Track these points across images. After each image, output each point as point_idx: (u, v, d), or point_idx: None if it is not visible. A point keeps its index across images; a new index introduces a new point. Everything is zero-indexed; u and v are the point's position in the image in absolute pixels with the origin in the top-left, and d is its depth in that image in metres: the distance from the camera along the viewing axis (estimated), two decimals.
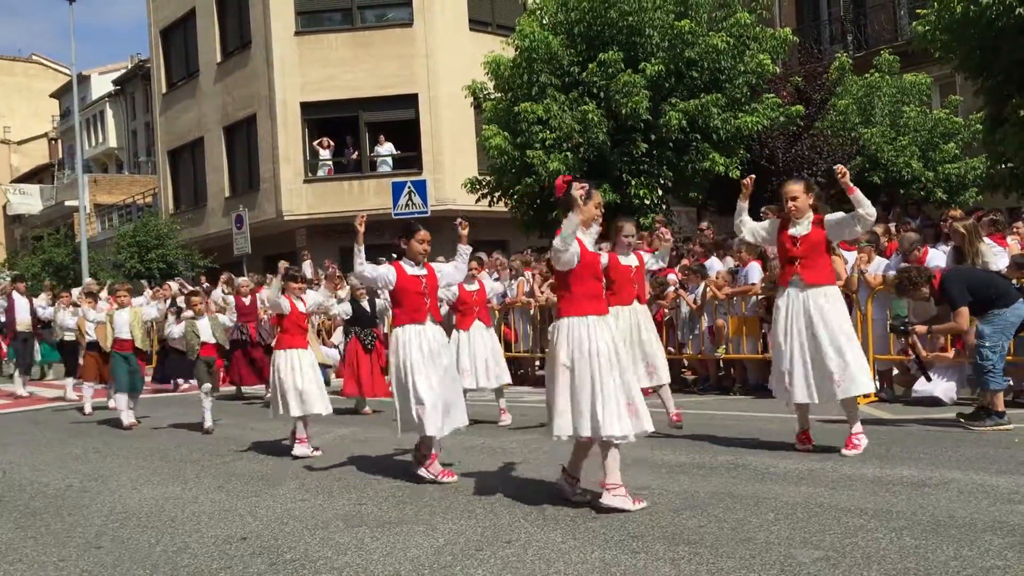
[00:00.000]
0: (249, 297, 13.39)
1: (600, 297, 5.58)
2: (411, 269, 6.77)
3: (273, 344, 8.83)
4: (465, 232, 7.06)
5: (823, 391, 6.77)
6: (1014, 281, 8.38)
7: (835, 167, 6.89)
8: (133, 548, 5.13)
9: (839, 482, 5.85)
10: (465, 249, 7.16)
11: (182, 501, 6.32)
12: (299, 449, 8.02)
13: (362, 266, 6.74)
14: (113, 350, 11.13)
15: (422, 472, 6.55)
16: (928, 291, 7.87)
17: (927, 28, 14.52)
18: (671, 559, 4.37)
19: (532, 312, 13.86)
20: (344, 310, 11.24)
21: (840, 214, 6.96)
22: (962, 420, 7.80)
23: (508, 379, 9.78)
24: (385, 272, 6.76)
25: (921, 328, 8.13)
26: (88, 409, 12.30)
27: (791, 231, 6.95)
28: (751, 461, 6.68)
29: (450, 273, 7.24)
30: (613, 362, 5.37)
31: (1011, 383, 8.43)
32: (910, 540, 4.48)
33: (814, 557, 4.28)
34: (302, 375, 8.19)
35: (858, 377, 6.70)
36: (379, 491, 6.31)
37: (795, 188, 6.93)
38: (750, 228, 7.30)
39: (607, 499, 5.29)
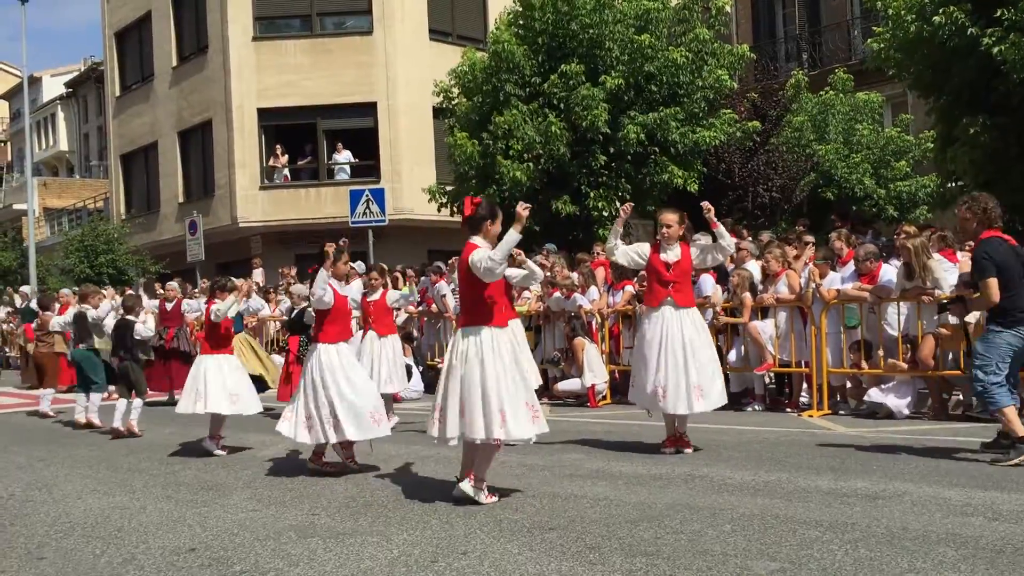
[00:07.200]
0: (173, 303, 13.66)
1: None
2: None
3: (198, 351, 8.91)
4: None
5: (691, 402, 7.38)
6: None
7: (702, 204, 7.56)
8: (77, 559, 4.99)
9: (794, 494, 5.87)
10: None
11: (129, 511, 6.17)
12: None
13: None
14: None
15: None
16: None
17: (881, 46, 14.76)
18: (628, 570, 4.34)
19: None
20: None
21: (703, 242, 7.50)
22: (991, 459, 6.73)
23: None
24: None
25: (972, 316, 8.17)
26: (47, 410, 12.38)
27: (662, 256, 7.53)
28: (708, 473, 6.69)
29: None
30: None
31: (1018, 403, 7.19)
32: (865, 552, 4.50)
33: (770, 569, 4.28)
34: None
35: (715, 394, 7.51)
36: (332, 501, 6.21)
37: (670, 217, 7.61)
38: (623, 252, 7.71)
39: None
